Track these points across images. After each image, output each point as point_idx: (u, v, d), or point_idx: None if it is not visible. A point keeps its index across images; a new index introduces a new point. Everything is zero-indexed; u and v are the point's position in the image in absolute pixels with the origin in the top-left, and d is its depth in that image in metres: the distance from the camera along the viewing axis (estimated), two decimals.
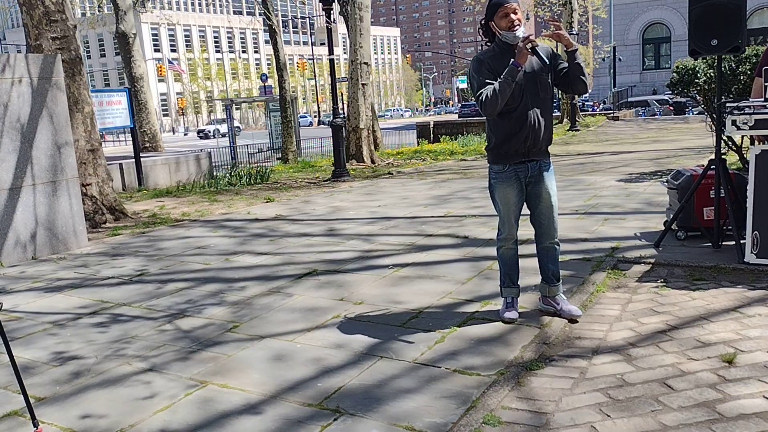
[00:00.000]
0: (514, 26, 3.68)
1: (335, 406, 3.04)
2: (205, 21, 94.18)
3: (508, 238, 4.04)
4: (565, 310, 4.00)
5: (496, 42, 3.80)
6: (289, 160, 18.87)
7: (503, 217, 3.98)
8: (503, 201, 3.92)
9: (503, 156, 3.84)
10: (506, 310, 4.05)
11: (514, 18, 3.67)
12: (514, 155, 3.82)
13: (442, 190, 10.22)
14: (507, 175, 3.86)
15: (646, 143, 16.73)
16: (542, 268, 4.10)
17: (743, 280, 4.54)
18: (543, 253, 4.07)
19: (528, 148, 3.81)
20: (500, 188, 3.90)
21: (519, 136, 3.76)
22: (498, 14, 3.71)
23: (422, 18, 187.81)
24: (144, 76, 19.32)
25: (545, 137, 3.85)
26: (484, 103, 3.67)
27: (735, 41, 4.97)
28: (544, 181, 3.89)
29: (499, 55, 3.75)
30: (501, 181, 3.89)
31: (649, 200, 7.91)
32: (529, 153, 3.83)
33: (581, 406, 2.91)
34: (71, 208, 7.18)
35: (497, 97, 3.63)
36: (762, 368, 3.15)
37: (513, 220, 3.97)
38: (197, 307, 4.72)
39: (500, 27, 3.72)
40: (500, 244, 4.10)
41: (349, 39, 15.69)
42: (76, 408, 3.19)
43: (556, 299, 4.07)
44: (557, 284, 4.07)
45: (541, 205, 3.94)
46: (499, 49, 3.78)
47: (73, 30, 8.40)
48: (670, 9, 47.05)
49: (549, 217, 3.96)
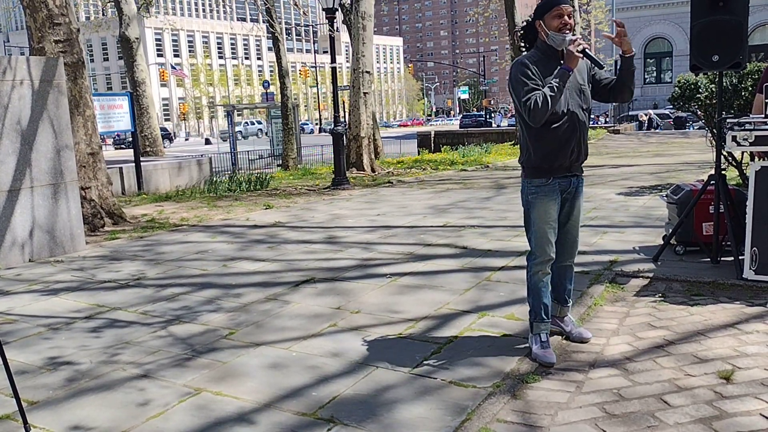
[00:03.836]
0: (566, 28, 3.45)
1: (330, 416, 3.02)
2: (209, 27, 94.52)
3: (546, 261, 3.64)
4: (574, 333, 3.84)
5: (538, 46, 3.56)
6: (290, 167, 18.88)
7: (541, 236, 3.59)
8: (543, 217, 3.57)
9: (546, 170, 3.55)
10: (543, 350, 3.58)
11: (568, 21, 3.47)
12: (558, 169, 3.56)
13: (442, 199, 10.21)
14: (550, 188, 3.56)
15: (646, 157, 16.75)
16: (557, 288, 3.85)
17: (741, 296, 4.53)
18: (561, 272, 3.83)
19: (572, 162, 3.58)
20: (541, 203, 3.57)
21: (566, 149, 3.53)
22: (551, 13, 3.46)
23: (425, 28, 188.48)
24: (146, 81, 19.36)
25: (587, 151, 3.67)
26: (532, 109, 3.37)
27: (736, 57, 4.98)
28: (578, 197, 3.69)
29: (544, 59, 3.51)
30: (542, 195, 3.56)
31: (649, 214, 7.90)
32: (572, 167, 3.61)
33: (577, 420, 2.89)
34: (70, 212, 7.17)
35: (548, 102, 3.36)
36: (759, 385, 3.14)
37: (552, 237, 3.60)
38: (194, 313, 4.70)
39: (550, 27, 3.47)
40: (536, 268, 3.65)
41: (351, 48, 15.73)
42: (69, 413, 3.17)
43: (564, 320, 3.92)
44: (569, 304, 3.91)
45: (570, 223, 3.72)
46: (541, 53, 3.54)
47: (76, 33, 8.42)
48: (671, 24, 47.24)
49: (575, 235, 3.78)
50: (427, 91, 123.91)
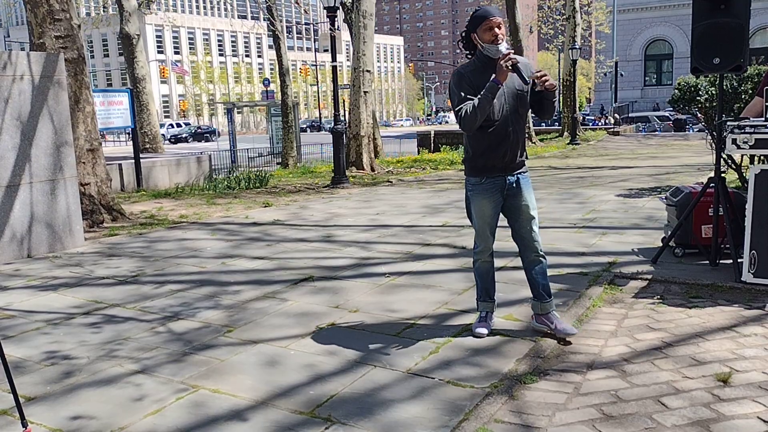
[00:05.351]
0: (497, 40, 3.63)
1: (327, 414, 3.02)
2: (210, 24, 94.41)
3: (484, 251, 4.00)
4: (559, 329, 3.88)
5: (477, 55, 3.76)
6: (289, 165, 18.88)
7: (479, 229, 3.95)
8: (479, 213, 3.89)
9: (480, 169, 3.82)
10: (479, 325, 4.01)
11: (498, 32, 3.64)
12: (491, 169, 3.80)
13: (441, 199, 10.21)
14: (484, 188, 3.83)
15: (645, 159, 16.75)
16: (531, 284, 3.97)
17: (740, 299, 4.53)
18: (530, 267, 3.95)
19: (506, 164, 3.79)
20: (476, 200, 3.88)
21: (498, 151, 3.75)
22: (482, 27, 3.66)
23: (426, 28, 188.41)
24: (146, 78, 19.34)
25: (522, 151, 3.85)
26: (463, 118, 3.64)
27: (737, 60, 4.98)
28: (522, 193, 3.85)
29: (481, 69, 3.71)
30: (477, 193, 3.86)
31: (648, 216, 7.90)
32: (507, 168, 3.81)
33: (574, 422, 2.89)
34: (68, 207, 7.16)
35: (476, 113, 3.60)
36: (757, 388, 3.14)
37: (489, 232, 3.94)
38: (191, 310, 4.70)
39: (483, 40, 3.67)
40: (477, 257, 4.05)
41: (352, 46, 15.71)
42: (66, 408, 3.17)
43: (549, 317, 3.94)
44: (549, 300, 3.95)
45: (521, 218, 3.88)
46: (480, 63, 3.73)
47: (77, 29, 8.40)
48: (672, 26, 47.27)
49: (530, 229, 3.89)
50: (427, 90, 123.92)
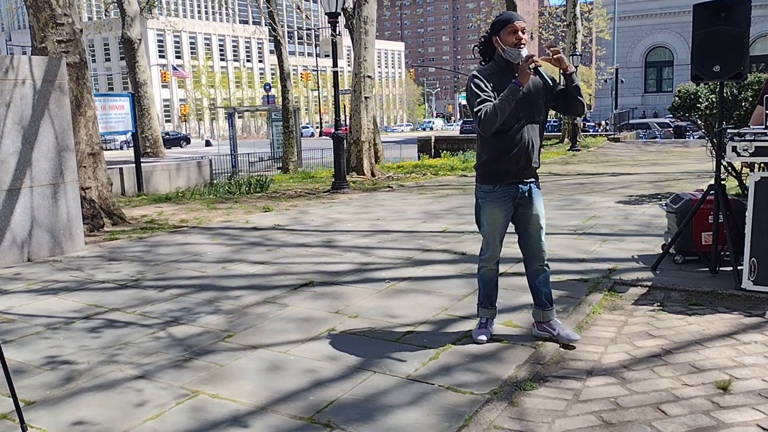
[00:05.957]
0: (521, 44, 3.65)
1: (327, 420, 3.02)
2: (211, 29, 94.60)
3: (491, 259, 4.00)
4: (562, 335, 3.89)
5: (495, 60, 3.78)
6: (290, 170, 18.89)
7: (488, 237, 3.94)
8: (489, 221, 3.88)
9: (494, 175, 3.81)
10: (479, 331, 4.00)
11: (522, 36, 3.67)
12: (505, 175, 3.79)
13: (442, 205, 10.22)
14: (496, 195, 3.82)
15: (645, 165, 16.77)
16: (534, 293, 3.98)
17: (739, 306, 4.53)
18: (534, 276, 3.97)
19: (520, 170, 3.79)
20: (488, 208, 3.86)
21: (512, 157, 3.74)
22: (506, 30, 3.68)
23: (427, 33, 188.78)
24: (148, 82, 19.38)
25: (537, 159, 3.85)
26: (482, 120, 3.62)
27: (737, 68, 4.99)
28: (533, 203, 3.85)
29: (499, 73, 3.72)
30: (489, 201, 3.85)
31: (648, 223, 7.91)
32: (521, 174, 3.81)
33: (574, 429, 2.89)
34: (69, 212, 7.17)
35: (497, 114, 3.59)
36: (756, 396, 3.14)
37: (498, 241, 3.94)
38: (192, 315, 4.70)
39: (505, 42, 3.68)
40: (482, 264, 4.05)
41: (353, 52, 15.75)
42: (66, 413, 3.17)
43: (551, 324, 3.96)
44: (551, 308, 3.96)
45: (530, 228, 3.88)
46: (498, 67, 3.76)
47: (79, 34, 8.43)
48: (673, 33, 47.36)
49: (538, 239, 3.90)
50: (428, 96, 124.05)
